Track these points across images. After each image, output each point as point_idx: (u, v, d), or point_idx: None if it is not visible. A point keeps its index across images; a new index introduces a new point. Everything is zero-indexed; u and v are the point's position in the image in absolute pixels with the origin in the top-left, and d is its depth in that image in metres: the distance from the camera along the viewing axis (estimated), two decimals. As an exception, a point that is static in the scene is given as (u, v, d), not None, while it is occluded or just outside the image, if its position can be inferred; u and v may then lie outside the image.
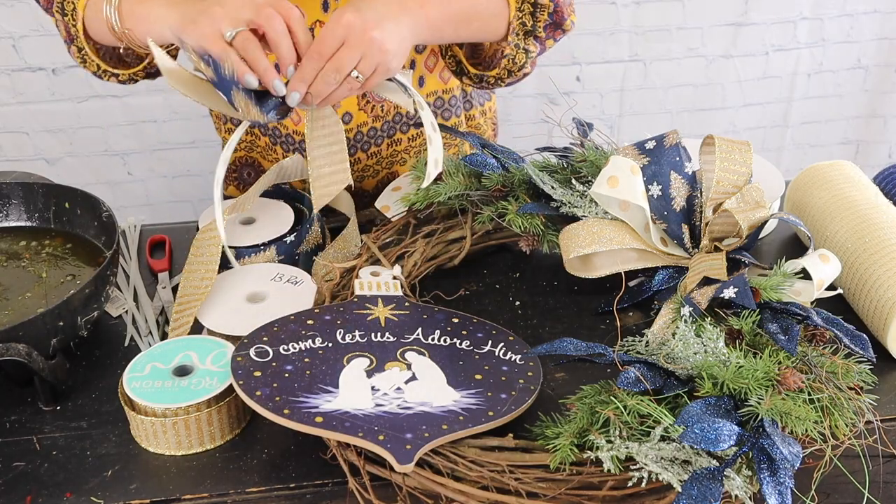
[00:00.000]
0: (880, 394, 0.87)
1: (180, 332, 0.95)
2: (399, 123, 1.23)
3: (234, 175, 1.34)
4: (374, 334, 0.90)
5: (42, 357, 0.86)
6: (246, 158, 1.31)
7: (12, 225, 1.09)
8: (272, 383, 0.81)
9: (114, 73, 1.06)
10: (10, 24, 2.12)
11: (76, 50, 1.03)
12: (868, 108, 2.68)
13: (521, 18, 1.05)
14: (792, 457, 0.71)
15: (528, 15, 1.05)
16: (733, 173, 0.97)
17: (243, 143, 1.29)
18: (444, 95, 1.25)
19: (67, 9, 1.00)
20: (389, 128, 1.23)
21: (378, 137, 1.23)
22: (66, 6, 1.00)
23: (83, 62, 1.05)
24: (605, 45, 2.42)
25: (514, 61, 1.09)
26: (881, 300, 0.94)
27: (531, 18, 1.06)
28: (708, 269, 0.93)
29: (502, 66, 1.09)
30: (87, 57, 1.03)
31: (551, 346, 0.85)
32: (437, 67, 1.22)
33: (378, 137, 1.23)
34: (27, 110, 2.24)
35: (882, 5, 2.50)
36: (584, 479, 0.74)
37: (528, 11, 1.05)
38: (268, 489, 0.81)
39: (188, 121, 2.32)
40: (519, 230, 1.02)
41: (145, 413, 0.84)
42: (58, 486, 0.82)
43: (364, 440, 0.76)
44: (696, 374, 0.79)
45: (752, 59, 2.52)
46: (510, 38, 1.06)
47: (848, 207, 1.04)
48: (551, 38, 1.10)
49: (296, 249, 1.08)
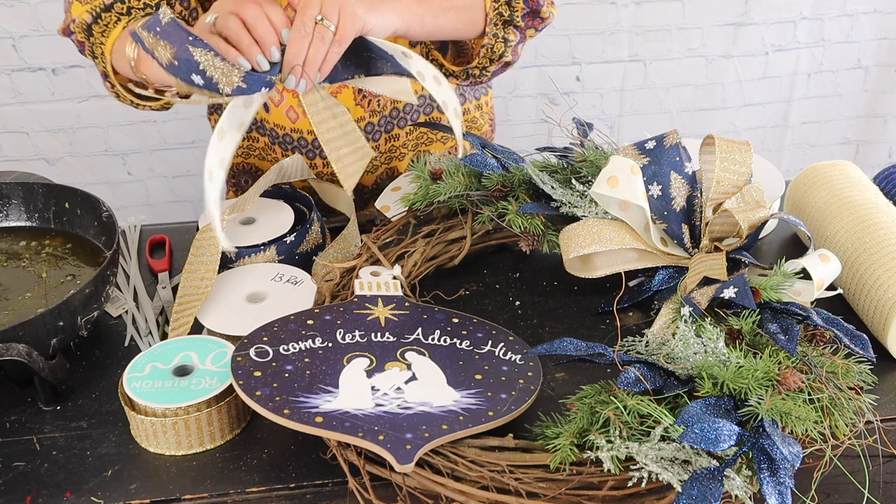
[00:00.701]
0: (880, 394, 0.87)
1: (180, 332, 0.95)
2: (396, 119, 1.23)
3: (231, 181, 1.35)
4: (374, 334, 0.90)
5: (42, 357, 0.86)
6: (243, 165, 1.31)
7: (12, 225, 1.09)
8: (272, 383, 0.81)
9: (147, 104, 1.09)
10: (10, 24, 2.12)
11: (110, 86, 1.07)
12: (868, 108, 2.68)
13: (498, 9, 1.08)
14: (792, 457, 0.71)
15: (505, 5, 1.08)
16: (733, 173, 0.97)
17: (241, 149, 1.29)
18: None
19: (97, 52, 1.05)
20: (387, 123, 1.23)
21: (375, 132, 1.23)
22: (96, 50, 1.05)
23: (118, 97, 1.08)
24: (605, 45, 2.42)
25: (493, 50, 1.11)
26: (881, 300, 0.94)
27: (508, 8, 1.09)
28: (708, 269, 0.93)
29: (481, 55, 1.11)
30: (120, 93, 1.07)
31: (551, 346, 0.85)
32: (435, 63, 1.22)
33: (375, 132, 1.23)
34: (27, 110, 2.24)
35: (882, 5, 2.50)
36: (584, 479, 0.74)
37: (503, 1, 1.08)
38: (268, 489, 0.81)
39: (188, 121, 2.32)
40: (519, 230, 1.02)
41: (145, 413, 0.84)
42: (58, 486, 0.82)
43: (364, 440, 0.76)
44: (696, 374, 0.79)
45: (752, 59, 2.52)
46: (488, 28, 1.09)
47: (848, 207, 1.04)
48: (531, 27, 1.13)
49: (296, 249, 1.08)
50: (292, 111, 1.20)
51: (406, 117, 1.24)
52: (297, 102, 1.18)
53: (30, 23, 2.12)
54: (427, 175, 1.09)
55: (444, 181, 1.07)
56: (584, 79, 2.47)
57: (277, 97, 1.19)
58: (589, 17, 2.35)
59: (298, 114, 1.20)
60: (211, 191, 0.91)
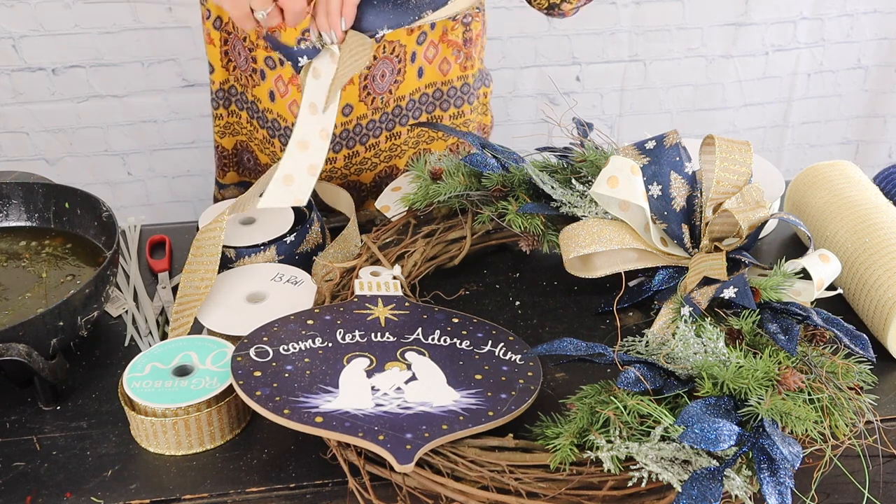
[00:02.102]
0: (880, 394, 0.87)
1: (180, 332, 0.95)
2: (399, 116, 1.24)
3: (234, 160, 1.34)
4: (374, 334, 0.90)
5: (42, 357, 0.86)
6: (248, 143, 1.31)
7: (12, 225, 1.09)
8: (272, 383, 0.81)
9: None
10: (10, 24, 2.12)
11: None
12: (868, 108, 2.68)
13: None
14: (792, 457, 0.71)
15: None
16: (733, 173, 0.97)
17: (244, 128, 1.29)
18: (443, 87, 1.25)
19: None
20: (389, 120, 1.23)
21: (377, 129, 1.23)
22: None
23: None
24: (605, 45, 2.42)
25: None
26: (881, 300, 0.94)
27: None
28: (708, 269, 0.93)
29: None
30: None
31: (551, 346, 0.85)
32: (437, 59, 1.22)
33: (377, 129, 1.23)
34: (27, 110, 2.24)
35: (882, 5, 2.50)
36: (584, 479, 0.74)
37: None
38: (268, 489, 0.81)
39: (188, 121, 2.32)
40: (519, 230, 1.02)
41: (145, 413, 0.83)
42: (58, 486, 0.82)
43: (364, 440, 0.76)
44: (696, 374, 0.79)
45: (752, 59, 2.52)
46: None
47: (848, 207, 1.04)
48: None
49: (296, 249, 1.08)
50: (295, 105, 1.20)
51: (409, 114, 1.24)
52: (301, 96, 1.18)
53: (30, 23, 2.12)
54: (427, 175, 1.09)
55: (444, 181, 1.07)
56: (584, 79, 2.47)
57: (283, 88, 1.19)
58: (589, 17, 2.35)
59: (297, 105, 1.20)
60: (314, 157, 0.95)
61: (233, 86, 1.25)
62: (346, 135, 1.22)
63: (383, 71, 1.18)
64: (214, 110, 1.30)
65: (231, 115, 1.29)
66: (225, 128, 1.31)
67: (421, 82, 1.22)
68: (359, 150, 1.24)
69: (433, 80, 1.24)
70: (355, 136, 1.22)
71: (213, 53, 1.23)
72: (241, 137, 1.31)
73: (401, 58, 1.19)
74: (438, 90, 1.25)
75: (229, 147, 1.32)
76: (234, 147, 1.32)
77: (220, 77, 1.25)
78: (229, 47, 1.22)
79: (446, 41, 1.22)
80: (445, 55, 1.23)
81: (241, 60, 1.22)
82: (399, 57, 1.19)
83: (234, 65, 1.23)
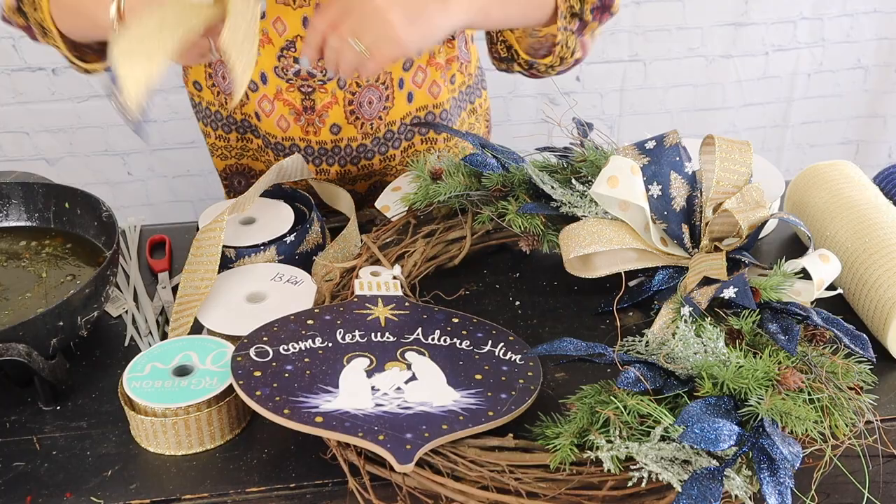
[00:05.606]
0: (880, 394, 0.87)
1: (180, 332, 0.95)
2: (391, 140, 1.23)
3: (224, 183, 1.35)
4: (374, 334, 0.90)
5: (42, 357, 0.86)
6: (237, 166, 1.31)
7: (12, 225, 1.09)
8: (272, 383, 0.81)
9: None
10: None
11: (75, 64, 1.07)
12: (868, 108, 2.68)
13: (569, 2, 1.04)
14: (792, 457, 0.71)
15: None
16: (733, 173, 0.97)
17: (234, 150, 1.29)
18: (435, 110, 1.24)
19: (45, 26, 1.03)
20: (380, 145, 1.23)
21: (369, 153, 1.23)
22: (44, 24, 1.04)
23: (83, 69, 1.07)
24: (605, 45, 2.42)
25: (567, 46, 1.08)
26: (881, 300, 0.94)
27: (579, 2, 1.05)
28: (708, 269, 0.93)
29: (556, 53, 1.09)
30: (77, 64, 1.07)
31: (551, 346, 0.85)
32: (426, 82, 1.21)
33: (369, 153, 1.23)
34: (27, 110, 2.24)
35: (882, 5, 2.50)
36: (584, 479, 0.74)
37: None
38: (268, 489, 0.81)
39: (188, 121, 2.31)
40: (519, 230, 1.02)
41: (145, 413, 0.84)
42: (58, 486, 0.82)
43: (364, 440, 0.76)
44: (696, 374, 0.79)
45: (752, 59, 2.52)
46: (560, 21, 1.05)
47: (848, 207, 1.04)
48: (597, 20, 1.09)
49: (296, 249, 1.08)
50: (283, 120, 1.20)
51: (401, 138, 1.24)
52: (288, 111, 1.18)
53: (30, 23, 2.12)
54: (427, 175, 1.09)
55: (444, 181, 1.07)
56: (584, 79, 2.47)
57: (269, 107, 1.19)
58: (589, 17, 2.35)
59: (289, 122, 1.20)
60: None
61: (217, 111, 1.26)
62: (337, 151, 1.22)
63: (370, 98, 1.18)
64: (204, 127, 1.31)
65: (219, 139, 1.29)
66: (212, 147, 1.31)
67: (411, 106, 1.22)
68: (350, 170, 1.24)
69: (424, 104, 1.23)
70: (346, 156, 1.22)
71: (197, 72, 1.24)
72: (230, 161, 1.31)
73: (388, 85, 1.19)
74: (431, 113, 1.24)
75: (219, 168, 1.33)
76: (223, 170, 1.33)
77: (208, 97, 1.26)
78: (212, 70, 1.23)
79: (434, 64, 1.21)
80: (434, 78, 1.22)
81: (225, 85, 1.22)
82: (386, 84, 1.18)
83: (219, 89, 1.23)
